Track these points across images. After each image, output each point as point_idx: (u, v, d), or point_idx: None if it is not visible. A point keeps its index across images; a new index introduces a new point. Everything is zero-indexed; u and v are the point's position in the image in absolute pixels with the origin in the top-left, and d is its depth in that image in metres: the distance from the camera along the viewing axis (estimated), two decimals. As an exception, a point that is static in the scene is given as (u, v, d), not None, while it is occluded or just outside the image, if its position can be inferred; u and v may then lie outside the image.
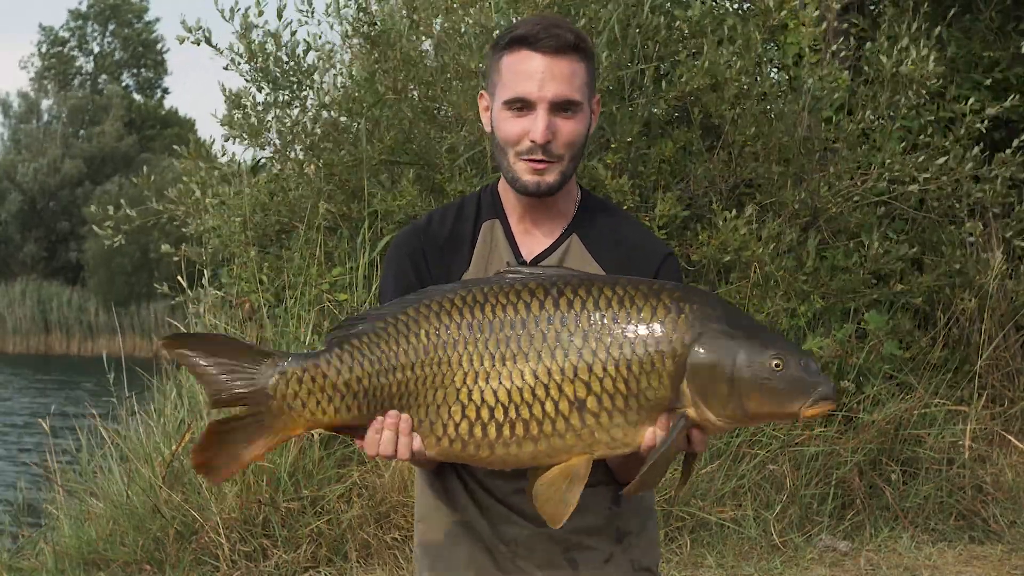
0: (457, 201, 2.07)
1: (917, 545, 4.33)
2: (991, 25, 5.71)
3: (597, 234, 1.98)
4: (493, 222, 1.99)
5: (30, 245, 36.23)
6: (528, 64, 1.87)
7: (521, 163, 1.89)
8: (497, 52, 1.93)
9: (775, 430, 4.59)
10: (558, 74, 1.86)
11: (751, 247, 4.69)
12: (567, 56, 1.88)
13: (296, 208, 5.06)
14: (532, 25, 1.90)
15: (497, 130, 1.92)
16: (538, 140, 1.86)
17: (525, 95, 1.86)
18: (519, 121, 1.88)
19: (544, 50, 1.87)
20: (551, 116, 1.87)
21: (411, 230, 2.02)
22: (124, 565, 3.98)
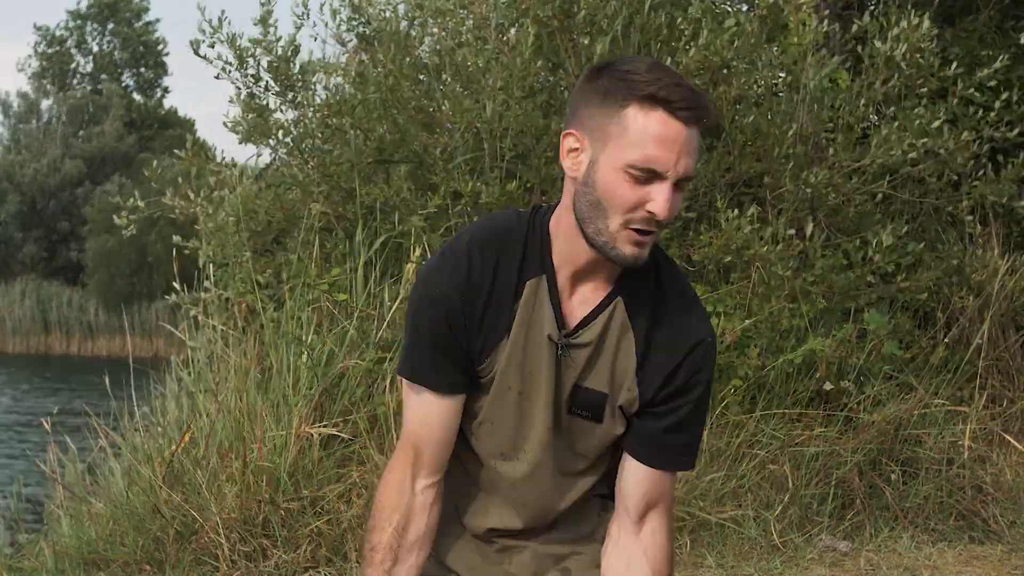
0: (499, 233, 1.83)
1: (917, 545, 4.33)
2: (990, 24, 5.71)
3: (642, 301, 1.83)
4: (539, 280, 1.81)
5: (30, 245, 36.26)
6: (667, 131, 1.68)
7: (626, 232, 1.72)
8: (615, 97, 1.70)
9: (775, 430, 4.60)
10: (692, 149, 1.70)
11: (753, 246, 4.70)
12: (698, 127, 1.72)
13: (291, 209, 5.07)
14: (668, 84, 1.68)
15: (604, 190, 1.71)
16: (662, 217, 1.69)
17: (660, 166, 1.68)
18: (639, 189, 1.69)
19: (685, 119, 1.69)
20: (675, 191, 1.71)
21: (449, 283, 1.80)
22: (124, 565, 3.98)
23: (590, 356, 1.83)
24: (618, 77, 1.71)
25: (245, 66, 5.20)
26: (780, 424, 4.63)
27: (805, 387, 4.71)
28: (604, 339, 1.82)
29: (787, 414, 4.66)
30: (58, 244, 36.82)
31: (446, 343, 1.81)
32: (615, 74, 1.71)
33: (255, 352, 4.43)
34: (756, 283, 4.77)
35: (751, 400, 4.69)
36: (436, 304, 1.80)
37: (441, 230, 4.82)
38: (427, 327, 1.82)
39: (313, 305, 4.61)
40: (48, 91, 40.50)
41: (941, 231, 5.36)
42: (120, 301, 29.58)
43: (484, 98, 4.74)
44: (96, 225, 33.07)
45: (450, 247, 1.83)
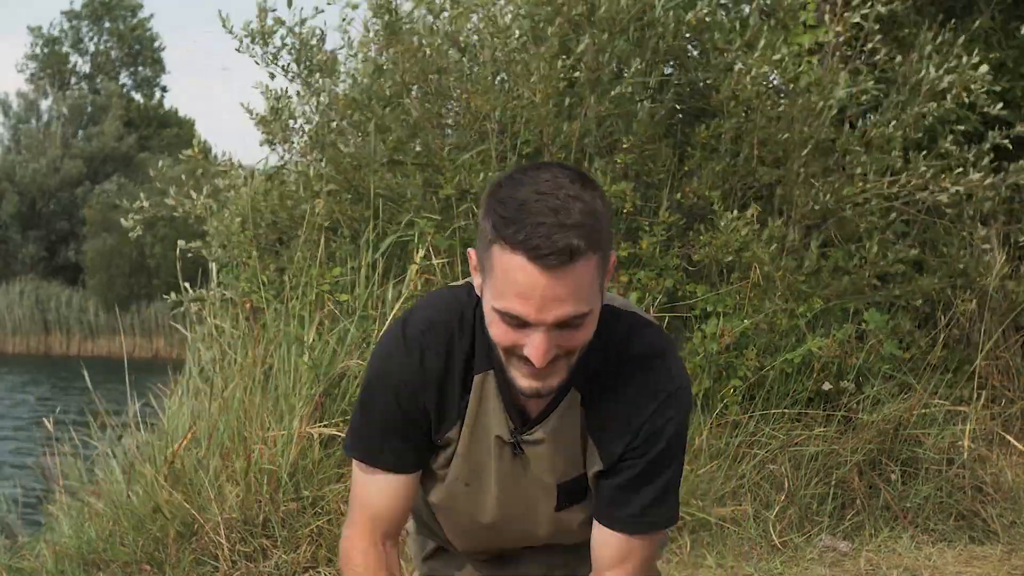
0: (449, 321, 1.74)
1: (917, 545, 4.33)
2: (994, 26, 5.71)
3: (598, 381, 1.72)
4: (486, 375, 1.72)
5: (30, 245, 36.24)
6: (524, 278, 1.52)
7: (517, 365, 1.61)
8: (489, 224, 1.55)
9: (775, 429, 4.60)
10: (560, 294, 1.52)
11: (752, 248, 4.70)
12: (574, 265, 1.52)
13: (297, 208, 5.06)
14: (529, 217, 1.51)
15: (487, 320, 1.61)
16: (536, 364, 1.56)
17: (521, 316, 1.54)
18: (513, 332, 1.57)
19: (547, 267, 1.50)
20: (553, 332, 1.56)
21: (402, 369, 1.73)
22: (124, 565, 3.98)
23: (553, 451, 1.76)
24: (496, 203, 1.55)
25: (268, 43, 5.14)
26: (780, 424, 4.63)
27: (804, 387, 4.71)
28: (564, 428, 1.74)
29: (787, 414, 4.66)
30: (58, 244, 36.81)
31: (399, 426, 1.75)
32: (496, 197, 1.56)
33: (257, 352, 4.43)
34: (754, 283, 4.77)
35: (750, 400, 4.70)
36: (389, 389, 1.74)
37: (448, 231, 4.82)
38: (380, 410, 1.76)
39: (315, 305, 4.61)
40: (47, 91, 40.50)
41: (943, 232, 5.36)
42: (120, 301, 29.60)
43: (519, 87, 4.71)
44: (95, 225, 33.07)
45: (402, 330, 1.75)
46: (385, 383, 1.75)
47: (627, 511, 1.75)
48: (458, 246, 4.80)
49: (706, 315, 4.80)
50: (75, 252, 35.54)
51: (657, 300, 4.76)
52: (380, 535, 1.80)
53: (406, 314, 1.80)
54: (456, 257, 4.78)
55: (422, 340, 1.73)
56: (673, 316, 4.88)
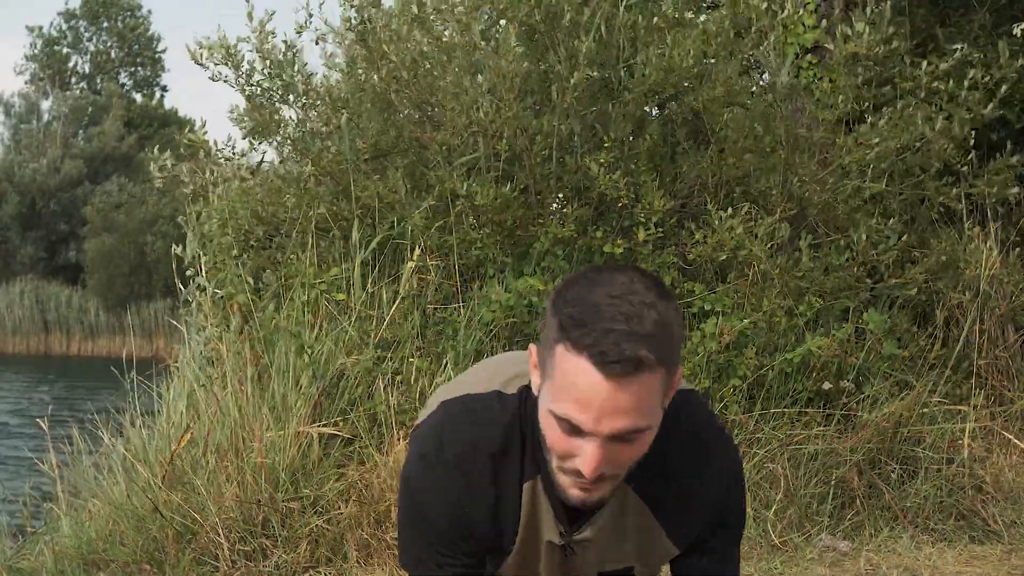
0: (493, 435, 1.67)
1: (917, 545, 4.33)
2: (985, 25, 5.72)
3: (653, 477, 1.67)
4: (535, 482, 1.67)
5: (29, 246, 36.24)
6: (587, 384, 1.45)
7: (565, 476, 1.56)
8: (556, 324, 1.49)
9: (775, 429, 4.60)
10: (623, 406, 1.46)
11: (747, 246, 4.71)
12: (640, 376, 1.45)
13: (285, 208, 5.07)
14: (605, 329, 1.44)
15: (542, 422, 1.55)
16: (587, 476, 1.51)
17: (578, 424, 1.48)
18: (568, 439, 1.51)
19: (611, 374, 1.44)
20: (608, 445, 1.49)
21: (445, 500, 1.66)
22: (124, 565, 3.98)
23: (603, 547, 1.73)
24: (564, 303, 1.49)
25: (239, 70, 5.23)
26: (779, 423, 4.63)
27: (804, 386, 4.71)
28: (618, 527, 1.71)
29: (786, 413, 4.66)
30: (58, 244, 36.81)
31: (452, 547, 1.70)
32: (565, 297, 1.50)
33: (250, 352, 4.43)
34: (752, 282, 4.77)
35: (750, 399, 4.70)
36: (434, 518, 1.68)
37: (437, 224, 4.82)
38: (429, 535, 1.70)
39: (311, 305, 4.61)
40: (48, 91, 40.50)
41: (936, 229, 5.36)
42: (120, 301, 29.60)
43: (478, 97, 4.75)
44: (96, 225, 33.08)
45: (439, 453, 1.67)
46: (434, 511, 1.67)
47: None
48: (454, 244, 4.80)
49: (704, 314, 4.80)
50: (75, 252, 35.54)
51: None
52: None
53: (435, 436, 1.69)
54: (451, 258, 4.79)
55: (462, 466, 1.65)
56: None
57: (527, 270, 4.77)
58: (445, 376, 4.45)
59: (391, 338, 4.58)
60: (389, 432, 4.27)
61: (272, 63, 5.22)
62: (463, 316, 4.65)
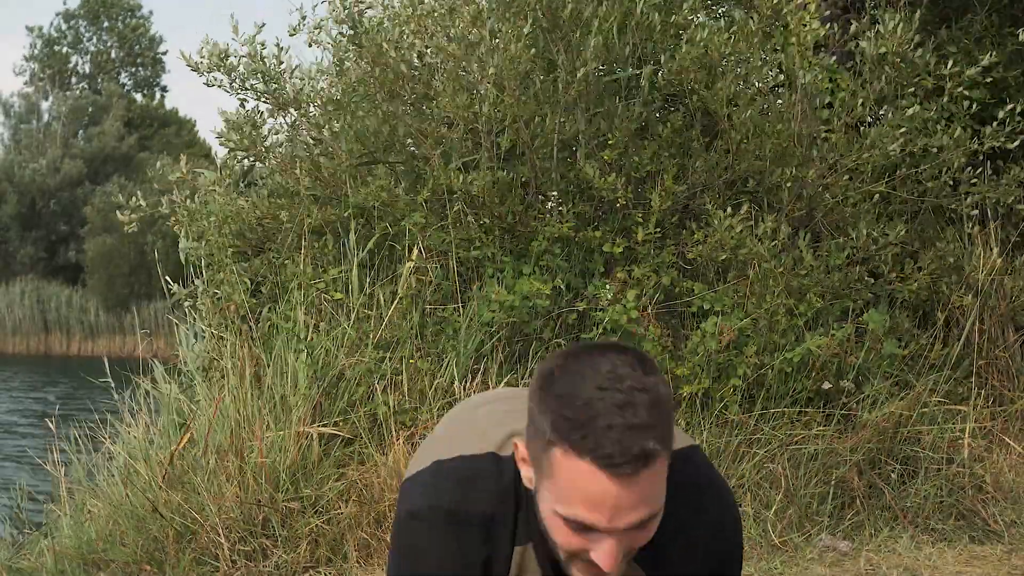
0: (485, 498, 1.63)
1: (917, 545, 4.33)
2: (989, 26, 5.71)
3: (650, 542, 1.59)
4: (525, 549, 1.63)
5: (29, 246, 36.24)
6: (596, 489, 1.41)
7: (578, 564, 1.51)
8: (547, 423, 1.45)
9: (774, 429, 4.60)
10: (636, 500, 1.43)
11: (747, 245, 4.70)
12: (648, 469, 1.42)
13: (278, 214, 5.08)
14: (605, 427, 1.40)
15: (546, 525, 1.51)
16: (605, 569, 1.47)
17: (591, 525, 1.44)
18: (579, 537, 1.47)
19: (620, 475, 1.41)
20: (622, 537, 1.46)
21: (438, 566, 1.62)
22: (124, 565, 3.98)
23: None
24: (553, 400, 1.44)
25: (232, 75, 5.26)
26: (779, 423, 4.63)
27: (804, 386, 4.71)
28: None
29: (786, 413, 4.66)
30: (58, 244, 36.81)
31: None
32: (553, 393, 1.45)
33: (249, 352, 4.43)
34: (753, 281, 4.77)
35: (750, 399, 4.70)
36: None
37: (435, 224, 4.82)
38: None
39: (310, 305, 4.62)
40: (48, 91, 40.50)
41: (940, 231, 5.37)
42: (120, 301, 29.59)
43: (480, 87, 4.75)
44: (96, 225, 33.07)
45: (431, 514, 1.63)
46: (425, 569, 1.63)
47: None
48: (452, 244, 4.80)
49: (704, 313, 4.80)
50: (75, 252, 35.54)
51: (655, 297, 4.76)
52: None
53: (428, 496, 1.65)
54: (450, 258, 4.78)
55: (458, 530, 1.61)
56: (671, 314, 4.88)
57: (526, 269, 4.77)
58: (446, 377, 4.46)
59: (390, 338, 4.58)
60: (389, 432, 4.27)
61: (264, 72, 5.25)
62: (463, 316, 4.65)
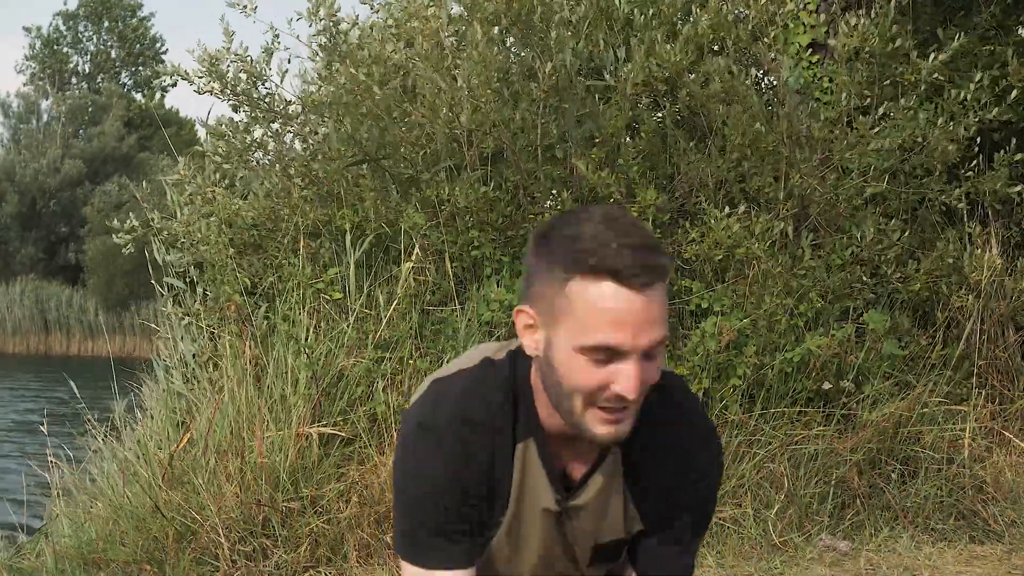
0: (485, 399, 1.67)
1: (917, 545, 4.33)
2: (991, 21, 5.71)
3: (639, 443, 1.67)
4: (527, 445, 1.67)
5: (30, 246, 36.22)
6: (619, 305, 1.47)
7: (593, 412, 1.54)
8: (557, 267, 1.51)
9: (775, 429, 4.60)
10: (653, 315, 1.48)
11: (744, 244, 4.70)
12: (659, 285, 1.49)
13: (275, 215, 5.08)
14: (614, 248, 1.47)
15: (561, 371, 1.53)
16: (631, 397, 1.50)
17: (616, 346, 1.48)
18: (601, 370, 1.50)
19: (640, 288, 1.47)
20: (642, 362, 1.50)
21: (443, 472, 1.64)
22: (124, 565, 3.98)
23: (597, 514, 1.73)
24: (558, 244, 1.51)
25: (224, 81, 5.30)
26: (779, 423, 4.63)
27: (804, 386, 4.71)
28: (606, 492, 1.71)
29: (786, 413, 4.66)
30: (57, 244, 36.79)
31: (448, 524, 1.67)
32: (556, 240, 1.52)
33: (248, 352, 4.43)
34: (752, 281, 4.77)
35: (750, 399, 4.69)
36: (429, 489, 1.66)
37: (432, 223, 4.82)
38: (424, 511, 1.67)
39: (309, 306, 4.61)
40: (47, 91, 40.47)
41: (939, 230, 5.36)
42: (120, 301, 29.58)
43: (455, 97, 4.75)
44: (95, 225, 33.03)
45: (433, 421, 1.67)
46: (425, 489, 1.66)
47: (676, 565, 1.75)
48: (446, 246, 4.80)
49: (703, 313, 4.79)
50: (75, 252, 35.52)
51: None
52: None
53: (431, 405, 1.69)
54: (447, 258, 4.78)
55: (459, 435, 1.64)
56: (669, 313, 4.88)
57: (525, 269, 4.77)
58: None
59: (390, 338, 4.58)
60: (389, 432, 4.27)
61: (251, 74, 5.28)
62: (462, 316, 4.65)
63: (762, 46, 5.05)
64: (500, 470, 1.67)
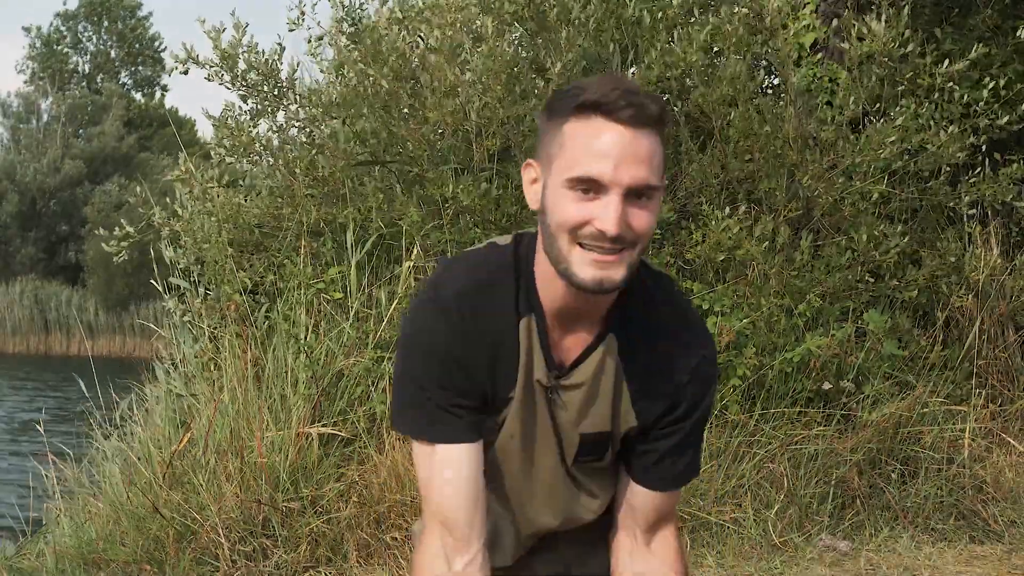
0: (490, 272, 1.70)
1: (917, 545, 4.33)
2: (988, 23, 5.71)
3: (634, 333, 1.71)
4: (529, 320, 1.69)
5: (30, 246, 36.22)
6: (603, 137, 1.53)
7: (579, 251, 1.56)
8: (557, 116, 1.59)
9: (775, 429, 4.60)
10: (639, 153, 1.54)
11: (744, 245, 4.71)
12: (649, 131, 1.55)
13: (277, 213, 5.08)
14: (607, 88, 1.54)
15: (551, 209, 1.58)
16: (610, 232, 1.53)
17: (597, 176, 1.53)
18: (584, 205, 1.54)
19: (625, 122, 1.53)
20: (626, 201, 1.54)
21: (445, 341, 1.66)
22: (124, 565, 3.98)
23: (585, 399, 1.74)
24: (561, 95, 1.60)
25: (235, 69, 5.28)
26: (779, 423, 4.63)
27: (804, 386, 4.71)
28: (599, 379, 1.72)
29: (786, 413, 4.66)
30: (57, 244, 36.78)
31: (455, 394, 1.68)
32: (560, 95, 1.60)
33: (248, 352, 4.43)
34: (751, 282, 4.77)
35: (750, 399, 4.69)
36: (435, 357, 1.67)
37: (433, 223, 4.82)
38: (430, 380, 1.68)
39: (308, 305, 4.62)
40: (47, 91, 40.46)
41: (940, 231, 5.37)
42: (120, 301, 29.57)
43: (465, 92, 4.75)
44: (96, 225, 32.98)
45: (435, 297, 1.69)
46: (429, 359, 1.67)
47: (672, 472, 1.80)
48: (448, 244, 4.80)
49: (703, 313, 4.80)
50: (75, 252, 35.51)
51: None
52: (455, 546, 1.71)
53: (437, 281, 1.71)
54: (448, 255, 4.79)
55: (460, 306, 1.67)
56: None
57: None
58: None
59: (390, 338, 4.58)
60: (389, 432, 4.27)
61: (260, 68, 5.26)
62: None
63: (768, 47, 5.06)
64: (505, 343, 1.69)
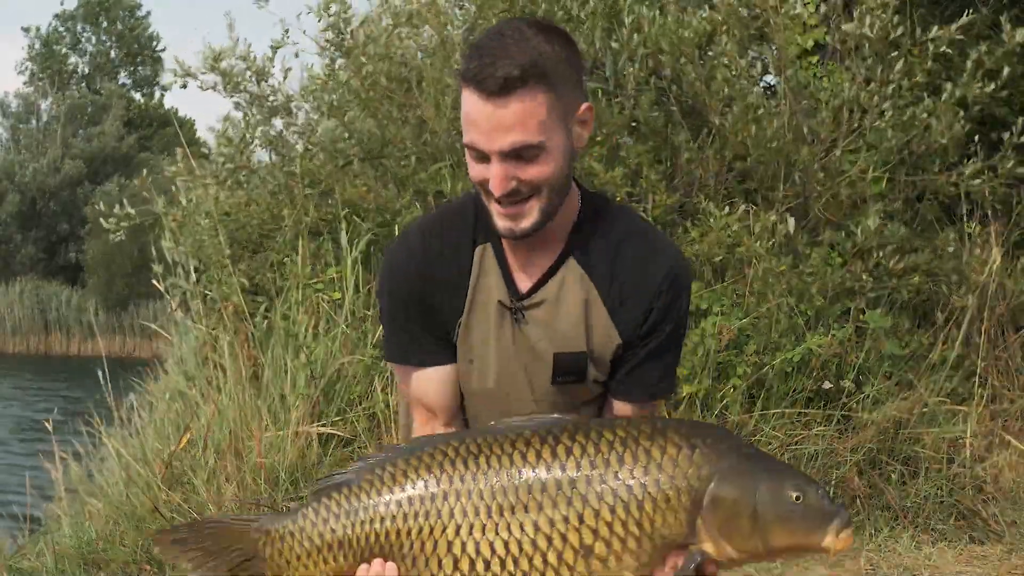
0: (451, 209, 1.89)
1: (917, 545, 4.33)
2: (985, 20, 5.71)
3: (597, 252, 1.81)
4: (485, 247, 1.82)
5: (30, 245, 36.21)
6: (472, 108, 1.66)
7: (494, 206, 1.73)
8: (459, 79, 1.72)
9: (775, 429, 4.59)
10: (506, 122, 1.63)
11: (744, 243, 4.70)
12: (516, 94, 1.63)
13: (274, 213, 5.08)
14: (478, 55, 1.65)
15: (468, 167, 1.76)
16: (495, 193, 1.68)
17: (475, 144, 1.68)
18: (481, 166, 1.70)
19: (486, 93, 1.63)
20: (508, 164, 1.66)
21: (407, 263, 1.83)
22: (124, 565, 3.98)
23: (550, 316, 1.81)
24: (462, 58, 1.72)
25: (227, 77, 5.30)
26: (779, 423, 4.63)
27: (804, 386, 4.71)
28: (564, 298, 1.80)
29: (786, 413, 4.66)
30: (58, 244, 36.77)
31: (419, 319, 1.83)
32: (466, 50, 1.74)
33: (246, 352, 4.43)
34: (752, 280, 4.77)
35: (750, 399, 4.69)
36: (400, 285, 1.84)
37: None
38: (397, 308, 1.85)
39: (307, 305, 4.62)
40: (47, 91, 40.45)
41: (939, 228, 5.36)
42: (120, 301, 29.57)
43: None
44: (96, 225, 33.00)
45: (406, 231, 1.90)
46: (395, 281, 1.85)
47: (645, 382, 1.84)
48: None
49: (703, 312, 4.79)
50: (75, 252, 35.50)
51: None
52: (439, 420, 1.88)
53: (406, 226, 1.92)
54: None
55: (423, 232, 1.85)
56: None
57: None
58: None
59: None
60: (387, 431, 4.27)
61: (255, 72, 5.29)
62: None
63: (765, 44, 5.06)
64: (461, 265, 1.82)
